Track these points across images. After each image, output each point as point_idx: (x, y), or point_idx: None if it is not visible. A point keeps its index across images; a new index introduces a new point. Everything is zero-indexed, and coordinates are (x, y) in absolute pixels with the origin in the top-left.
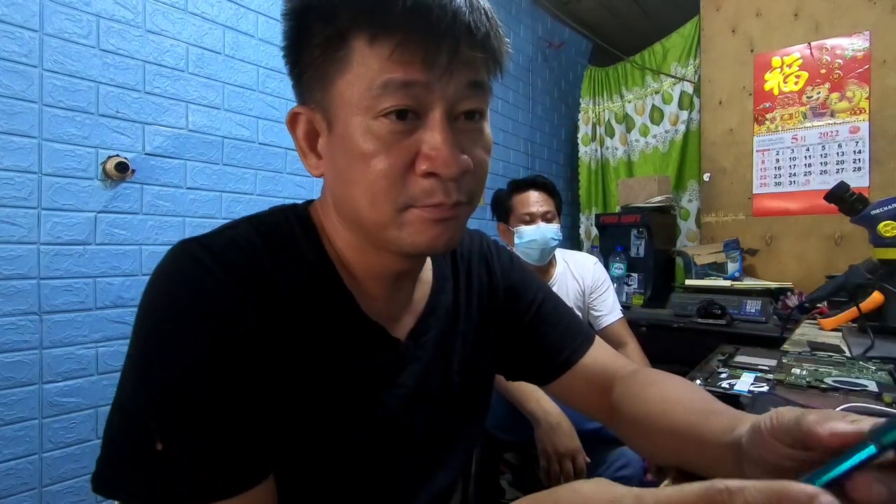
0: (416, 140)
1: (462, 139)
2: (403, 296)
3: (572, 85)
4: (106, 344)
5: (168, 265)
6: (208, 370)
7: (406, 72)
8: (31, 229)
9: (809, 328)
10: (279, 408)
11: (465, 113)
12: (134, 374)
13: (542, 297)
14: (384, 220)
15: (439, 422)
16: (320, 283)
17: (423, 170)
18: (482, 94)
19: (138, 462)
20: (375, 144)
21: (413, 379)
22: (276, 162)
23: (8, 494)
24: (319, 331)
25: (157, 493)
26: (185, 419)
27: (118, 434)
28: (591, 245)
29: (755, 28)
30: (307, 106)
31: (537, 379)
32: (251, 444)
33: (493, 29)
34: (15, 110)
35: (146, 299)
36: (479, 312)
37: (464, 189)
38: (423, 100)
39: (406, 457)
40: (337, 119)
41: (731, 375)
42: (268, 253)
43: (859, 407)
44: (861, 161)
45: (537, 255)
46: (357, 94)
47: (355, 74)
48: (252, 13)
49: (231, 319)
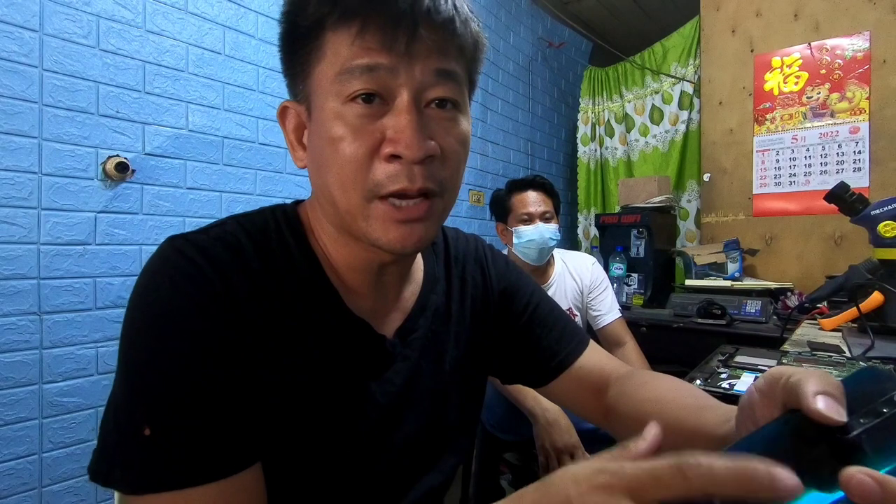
0: (382, 124)
1: (431, 126)
2: (390, 293)
3: (572, 85)
4: (106, 344)
5: (155, 259)
6: (193, 358)
7: (369, 56)
8: (31, 229)
9: (809, 328)
10: (265, 400)
11: (437, 101)
12: (122, 362)
13: (537, 301)
14: (353, 209)
15: (429, 421)
16: (306, 280)
17: (387, 153)
18: (453, 84)
19: (127, 448)
20: (344, 129)
21: (401, 377)
22: (276, 162)
23: (8, 494)
24: (304, 326)
25: (144, 479)
26: (170, 405)
27: (110, 422)
28: (590, 245)
29: (755, 28)
30: (295, 100)
31: (532, 382)
32: (235, 432)
33: (460, 15)
34: (15, 110)
35: (135, 291)
36: (472, 314)
37: (431, 177)
38: (389, 84)
39: (393, 455)
40: (314, 107)
41: (731, 375)
42: (253, 249)
43: None
44: (861, 161)
45: (535, 254)
46: (329, 80)
47: (328, 62)
48: (252, 13)
49: (216, 311)
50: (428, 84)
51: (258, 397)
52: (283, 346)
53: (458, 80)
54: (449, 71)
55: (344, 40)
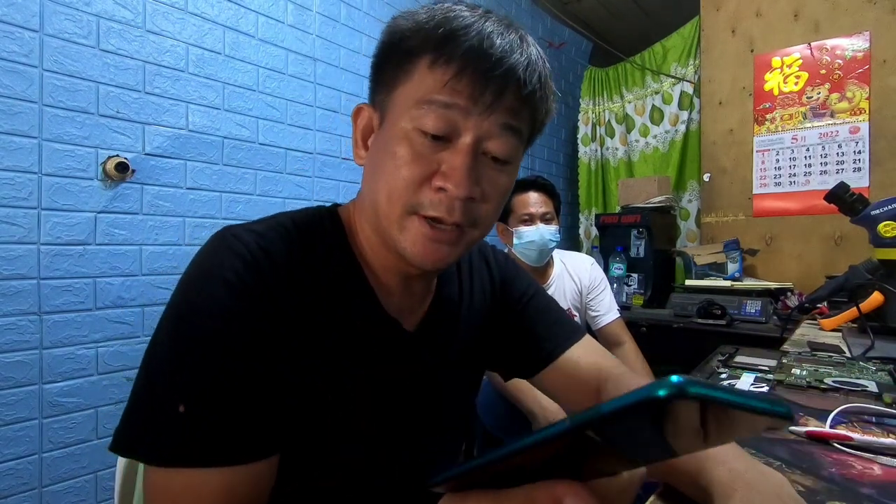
0: (440, 158)
1: (481, 174)
2: (417, 292)
3: (572, 85)
4: (106, 344)
5: (212, 244)
6: (235, 346)
7: (451, 97)
8: (31, 229)
9: (809, 328)
10: (298, 389)
11: (494, 157)
12: (164, 340)
13: (533, 293)
14: (392, 217)
15: (430, 412)
16: (345, 277)
17: (437, 185)
18: (515, 140)
19: (159, 422)
20: (407, 151)
21: (421, 368)
22: (277, 162)
23: (8, 494)
24: (342, 323)
25: (171, 453)
26: (208, 387)
27: (144, 395)
28: (590, 245)
29: (755, 28)
30: (371, 105)
31: (522, 371)
32: (263, 420)
33: (542, 91)
34: (15, 110)
35: (187, 274)
36: (481, 307)
37: (468, 213)
38: (458, 126)
39: (405, 448)
40: (387, 120)
41: (731, 376)
42: (300, 242)
43: (859, 407)
44: (861, 161)
45: (535, 255)
46: (408, 103)
47: (413, 87)
48: (252, 13)
49: (266, 300)
50: (492, 134)
51: (292, 388)
52: (320, 341)
53: (520, 138)
54: (515, 127)
55: (436, 77)
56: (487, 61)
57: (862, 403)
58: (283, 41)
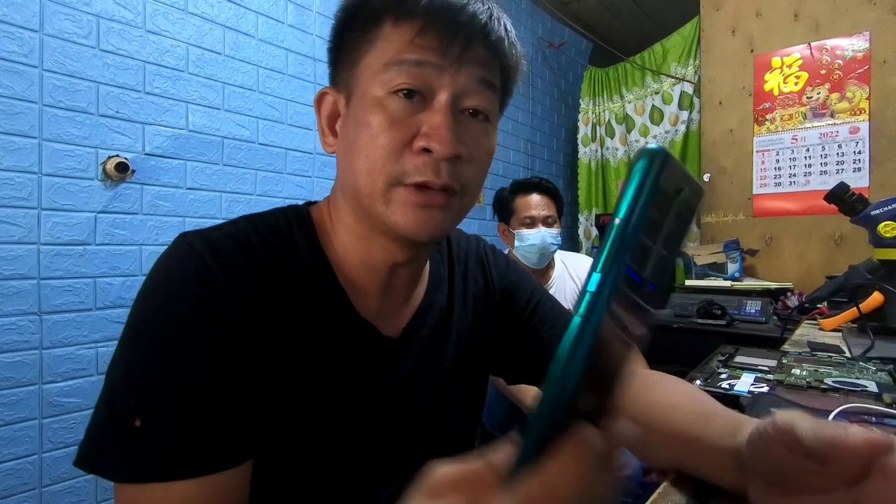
0: (418, 119)
1: (463, 131)
2: (399, 294)
3: (572, 85)
4: (106, 344)
5: (166, 253)
6: (191, 356)
7: (420, 54)
8: (31, 229)
9: (809, 328)
10: (264, 398)
11: (472, 111)
12: (121, 352)
13: (538, 299)
14: (376, 192)
15: (429, 418)
16: (314, 281)
17: (420, 146)
18: (490, 94)
19: (117, 437)
20: (382, 117)
21: (403, 375)
22: (276, 162)
23: (8, 494)
24: (310, 327)
25: (130, 469)
26: (163, 398)
27: (103, 409)
28: (590, 245)
29: (755, 28)
30: (335, 87)
31: (529, 378)
32: (226, 430)
33: (508, 39)
34: (15, 110)
35: (144, 284)
36: (473, 313)
37: (456, 175)
38: (432, 83)
39: (393, 453)
40: (355, 95)
41: (731, 376)
42: (263, 248)
43: (859, 408)
44: (861, 161)
45: (536, 258)
46: (376, 70)
47: (379, 52)
48: (252, 13)
49: (219, 309)
50: (468, 90)
51: (256, 396)
52: (286, 347)
53: (495, 92)
54: (490, 81)
55: (402, 36)
56: (451, 10)
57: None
58: (283, 41)
